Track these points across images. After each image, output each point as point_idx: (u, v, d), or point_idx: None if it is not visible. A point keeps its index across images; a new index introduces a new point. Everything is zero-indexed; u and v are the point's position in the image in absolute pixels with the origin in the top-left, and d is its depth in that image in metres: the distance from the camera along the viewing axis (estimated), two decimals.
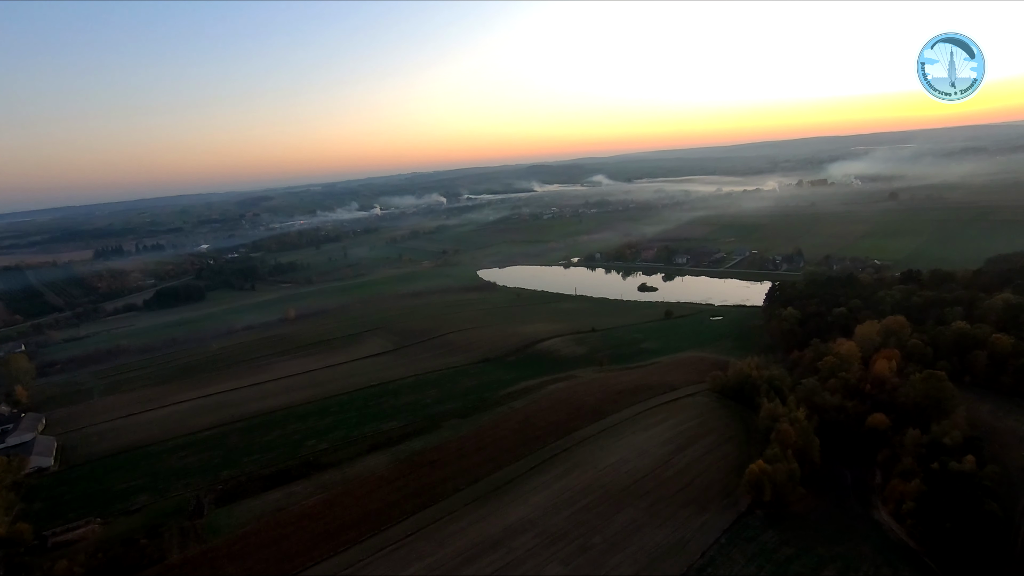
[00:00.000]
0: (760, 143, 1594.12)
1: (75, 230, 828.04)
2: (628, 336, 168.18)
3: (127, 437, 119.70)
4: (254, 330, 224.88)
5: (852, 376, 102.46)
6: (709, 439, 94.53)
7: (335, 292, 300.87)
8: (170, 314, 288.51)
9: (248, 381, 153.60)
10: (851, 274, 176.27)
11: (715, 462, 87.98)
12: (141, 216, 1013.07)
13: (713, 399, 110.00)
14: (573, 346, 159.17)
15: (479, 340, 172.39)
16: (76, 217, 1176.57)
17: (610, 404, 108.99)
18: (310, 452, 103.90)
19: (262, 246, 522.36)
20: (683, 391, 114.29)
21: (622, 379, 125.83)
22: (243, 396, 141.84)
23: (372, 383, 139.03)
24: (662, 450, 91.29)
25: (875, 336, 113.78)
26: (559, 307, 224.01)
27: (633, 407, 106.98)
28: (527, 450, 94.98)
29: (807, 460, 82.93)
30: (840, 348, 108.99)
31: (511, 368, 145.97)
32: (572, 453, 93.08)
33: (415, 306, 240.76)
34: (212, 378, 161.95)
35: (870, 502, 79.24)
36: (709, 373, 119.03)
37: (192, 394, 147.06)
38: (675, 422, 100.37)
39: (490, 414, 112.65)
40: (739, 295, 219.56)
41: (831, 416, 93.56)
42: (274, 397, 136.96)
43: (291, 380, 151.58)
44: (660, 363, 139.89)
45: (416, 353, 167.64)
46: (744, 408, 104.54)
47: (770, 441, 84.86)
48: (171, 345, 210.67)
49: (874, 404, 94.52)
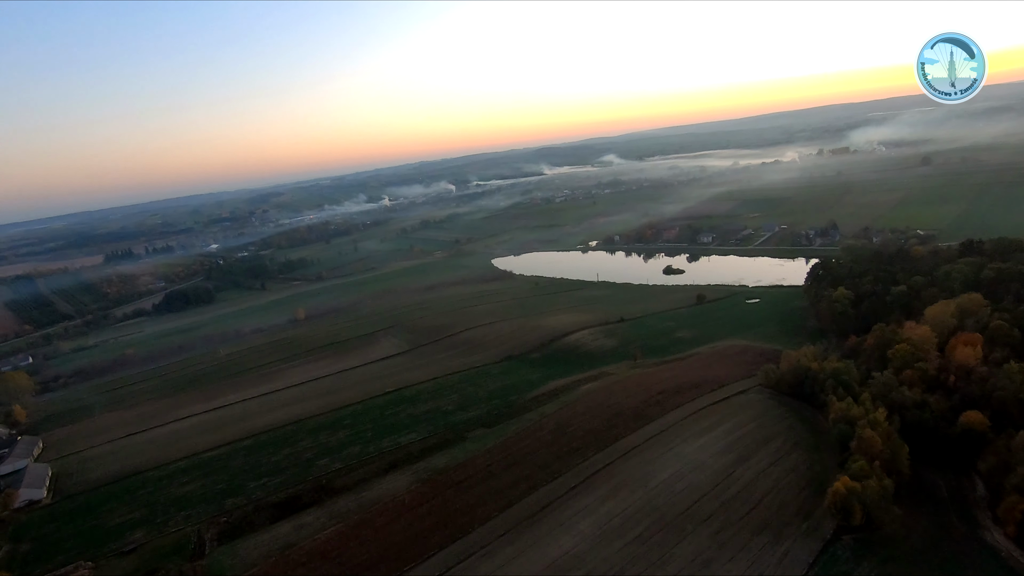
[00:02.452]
0: (773, 115, 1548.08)
1: (88, 235, 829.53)
2: (660, 325, 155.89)
3: (126, 461, 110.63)
4: (263, 333, 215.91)
5: (931, 366, 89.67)
6: (772, 446, 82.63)
7: (346, 288, 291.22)
8: (179, 318, 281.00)
9: (256, 391, 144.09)
10: (901, 247, 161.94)
11: (784, 475, 76.21)
12: (153, 218, 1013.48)
13: (768, 396, 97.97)
14: (602, 338, 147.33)
15: (500, 336, 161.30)
16: (90, 222, 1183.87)
17: (653, 407, 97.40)
18: (322, 473, 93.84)
19: (272, 243, 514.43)
20: (732, 388, 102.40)
21: (662, 375, 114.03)
22: (250, 409, 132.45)
23: (387, 389, 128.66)
24: (720, 462, 79.65)
25: (950, 318, 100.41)
26: (582, 295, 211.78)
27: (679, 409, 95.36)
28: (564, 466, 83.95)
29: (895, 471, 70.87)
30: (913, 333, 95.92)
31: (537, 366, 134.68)
32: (616, 468, 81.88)
33: (430, 300, 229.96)
34: (219, 389, 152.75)
35: (975, 520, 67.08)
36: (758, 365, 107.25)
37: (197, 408, 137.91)
38: (730, 426, 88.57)
39: (519, 422, 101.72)
40: (774, 274, 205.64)
41: (912, 415, 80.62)
42: (283, 409, 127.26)
43: (301, 389, 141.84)
44: (700, 355, 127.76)
45: (433, 353, 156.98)
46: (805, 406, 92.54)
47: (849, 449, 73.13)
48: (178, 353, 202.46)
49: (963, 399, 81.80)
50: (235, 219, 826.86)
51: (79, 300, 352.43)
